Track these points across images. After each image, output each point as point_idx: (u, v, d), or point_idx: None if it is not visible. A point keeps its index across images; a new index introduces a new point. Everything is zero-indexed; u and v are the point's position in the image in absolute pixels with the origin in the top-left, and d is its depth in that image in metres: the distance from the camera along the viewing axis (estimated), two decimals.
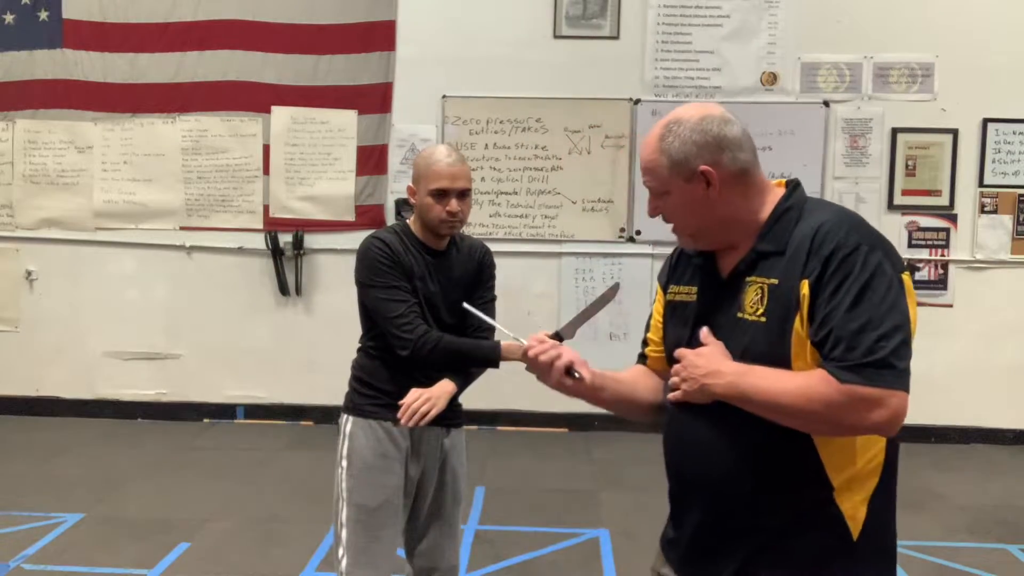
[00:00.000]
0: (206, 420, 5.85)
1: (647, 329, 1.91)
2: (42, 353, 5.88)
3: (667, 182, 1.65)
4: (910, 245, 5.58)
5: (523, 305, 5.66)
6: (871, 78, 5.53)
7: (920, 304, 6.04)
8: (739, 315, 1.61)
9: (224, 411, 5.85)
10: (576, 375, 1.71)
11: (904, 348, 1.48)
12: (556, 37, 5.59)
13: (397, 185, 5.66)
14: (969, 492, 4.79)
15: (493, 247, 2.72)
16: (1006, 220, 5.56)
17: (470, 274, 2.63)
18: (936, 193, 5.57)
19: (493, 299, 2.69)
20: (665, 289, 1.83)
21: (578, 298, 5.65)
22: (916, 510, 4.50)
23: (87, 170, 5.81)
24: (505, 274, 2.41)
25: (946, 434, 5.62)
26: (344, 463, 2.52)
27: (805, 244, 1.55)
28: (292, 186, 5.73)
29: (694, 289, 1.73)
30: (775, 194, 1.67)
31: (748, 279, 1.62)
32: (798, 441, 1.56)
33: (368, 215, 5.67)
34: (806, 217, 1.60)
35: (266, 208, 5.75)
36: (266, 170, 5.74)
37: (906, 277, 1.54)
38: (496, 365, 2.50)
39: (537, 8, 5.58)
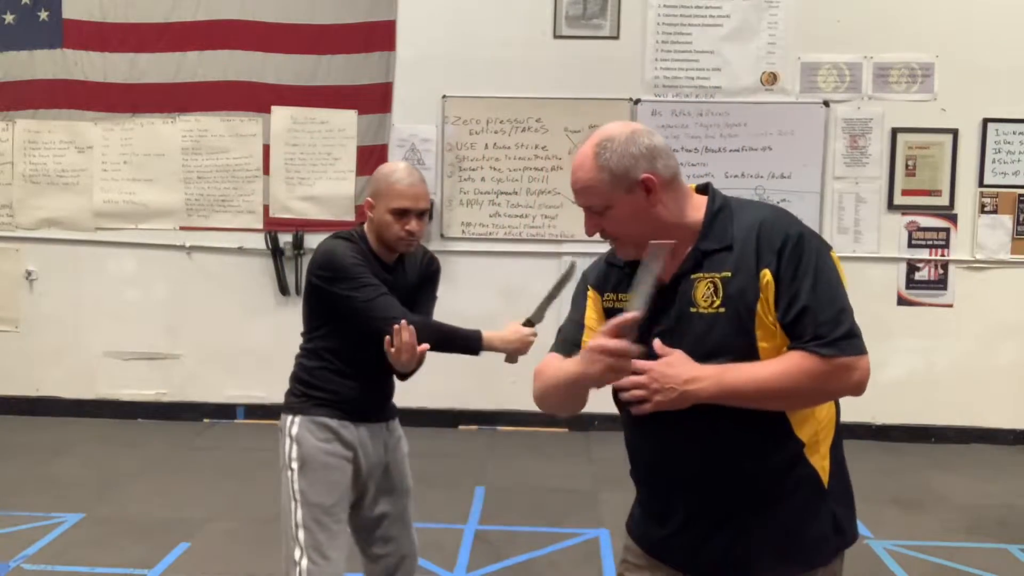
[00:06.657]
0: (206, 420, 5.85)
1: (579, 328, 1.88)
2: (42, 353, 5.88)
3: (608, 197, 1.73)
4: (910, 245, 5.57)
5: (523, 305, 5.63)
6: (871, 78, 5.52)
7: (920, 304, 6.00)
8: (692, 310, 1.71)
9: (224, 411, 5.85)
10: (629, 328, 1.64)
11: (853, 317, 1.68)
12: (556, 37, 5.59)
13: None
14: (969, 492, 4.78)
15: (493, 247, 2.71)
16: (1006, 220, 5.55)
17: (416, 282, 2.67)
18: (936, 193, 5.57)
19: (435, 299, 2.78)
20: (602, 295, 1.87)
21: None
22: (916, 510, 4.50)
23: (87, 170, 5.81)
24: (505, 273, 2.39)
25: (946, 434, 5.62)
26: (294, 464, 2.53)
27: (752, 238, 1.69)
28: (292, 186, 5.73)
29: (628, 297, 1.74)
30: (698, 199, 1.80)
31: (695, 276, 1.72)
32: (769, 416, 1.70)
33: None
34: (737, 215, 1.74)
35: (266, 208, 5.75)
36: (266, 170, 5.75)
37: (834, 254, 1.74)
38: (476, 352, 2.59)
39: (537, 8, 5.58)
